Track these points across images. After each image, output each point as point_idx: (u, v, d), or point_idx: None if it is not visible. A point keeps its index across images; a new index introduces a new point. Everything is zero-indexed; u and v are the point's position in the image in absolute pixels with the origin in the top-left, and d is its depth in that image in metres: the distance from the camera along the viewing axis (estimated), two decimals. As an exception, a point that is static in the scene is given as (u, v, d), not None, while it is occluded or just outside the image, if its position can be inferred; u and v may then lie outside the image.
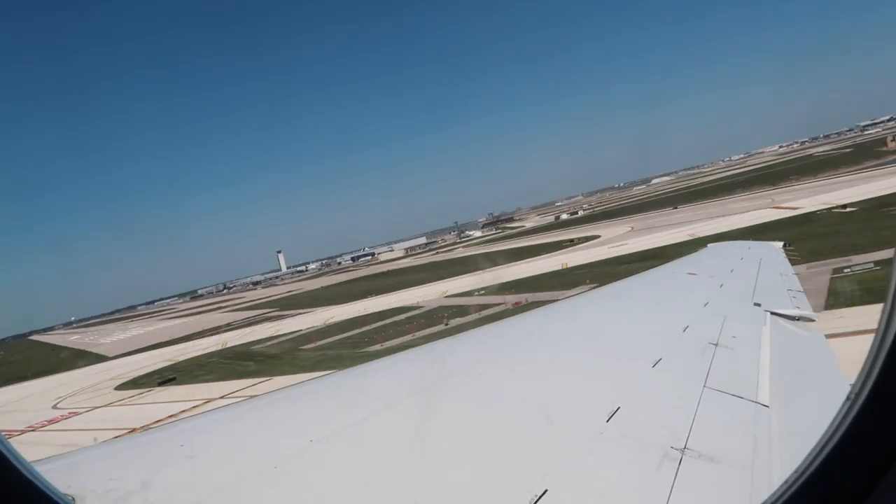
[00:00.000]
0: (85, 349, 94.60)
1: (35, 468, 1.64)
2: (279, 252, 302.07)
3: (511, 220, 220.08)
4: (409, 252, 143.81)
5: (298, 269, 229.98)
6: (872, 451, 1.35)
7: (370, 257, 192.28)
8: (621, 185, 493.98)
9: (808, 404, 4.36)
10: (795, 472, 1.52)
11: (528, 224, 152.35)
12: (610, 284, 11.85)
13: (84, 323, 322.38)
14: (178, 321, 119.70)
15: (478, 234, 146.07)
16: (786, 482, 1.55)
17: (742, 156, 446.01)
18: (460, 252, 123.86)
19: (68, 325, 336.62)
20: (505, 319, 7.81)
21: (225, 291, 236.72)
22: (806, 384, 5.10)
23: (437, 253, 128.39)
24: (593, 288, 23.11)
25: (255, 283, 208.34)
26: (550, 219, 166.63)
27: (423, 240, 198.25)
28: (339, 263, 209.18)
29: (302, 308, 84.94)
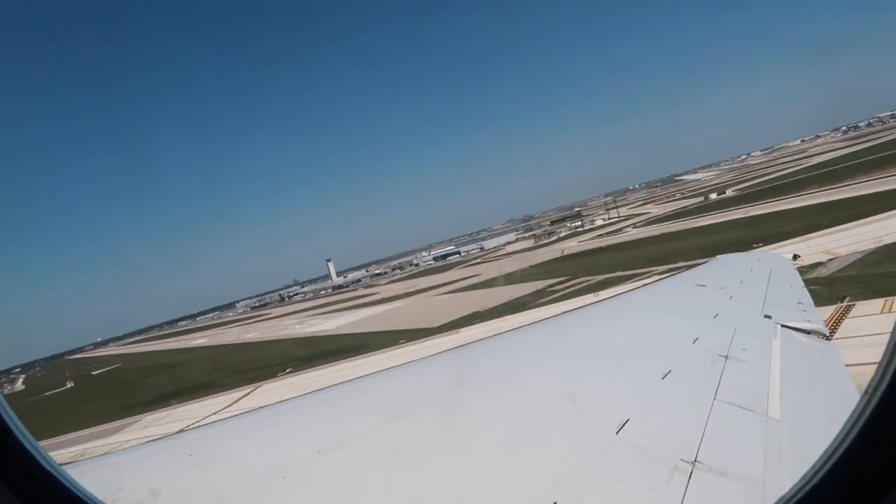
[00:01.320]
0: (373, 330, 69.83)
1: (65, 470, 1.75)
2: (329, 260, 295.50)
3: (579, 215, 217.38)
4: (540, 242, 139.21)
5: (376, 272, 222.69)
6: (883, 455, 1.35)
7: (458, 255, 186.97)
8: (636, 185, 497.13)
9: (820, 419, 4.31)
10: (805, 476, 1.52)
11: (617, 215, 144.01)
12: (619, 296, 11.67)
13: (125, 340, 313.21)
14: (381, 308, 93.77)
15: (599, 221, 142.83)
16: (796, 485, 1.55)
17: (760, 152, 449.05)
18: (663, 229, 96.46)
19: (101, 344, 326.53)
20: (513, 330, 7.84)
21: (287, 301, 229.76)
22: (817, 398, 5.01)
23: (602, 236, 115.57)
24: None
25: (337, 288, 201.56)
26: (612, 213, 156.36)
27: (512, 235, 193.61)
28: (417, 265, 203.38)
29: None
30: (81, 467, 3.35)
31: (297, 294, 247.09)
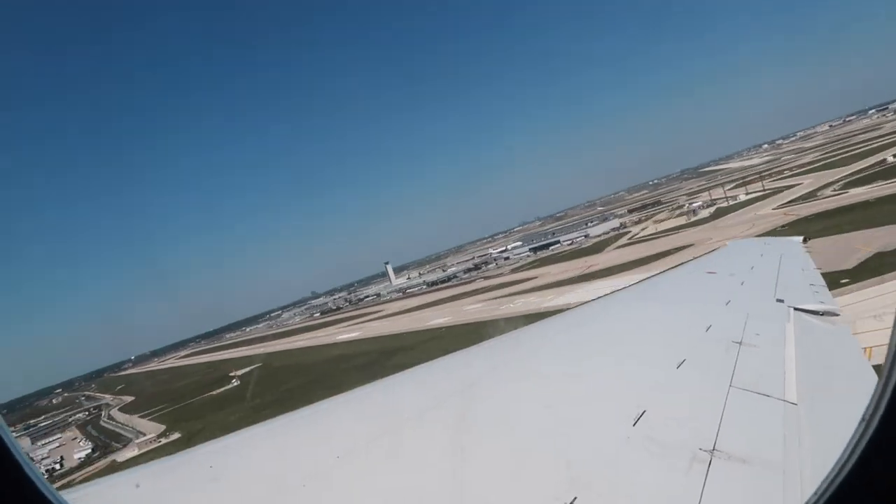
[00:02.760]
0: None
1: (63, 496, 1.71)
2: (387, 263, 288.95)
3: (659, 202, 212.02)
4: (691, 219, 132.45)
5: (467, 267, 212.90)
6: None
7: (558, 244, 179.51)
8: (655, 181, 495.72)
9: (837, 400, 4.30)
10: (835, 467, 1.49)
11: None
12: (630, 286, 11.55)
13: (177, 354, 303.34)
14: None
15: (743, 197, 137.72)
16: (827, 478, 1.51)
17: (783, 140, 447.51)
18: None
19: (139, 361, 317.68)
20: (526, 326, 7.64)
21: (362, 304, 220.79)
22: (834, 380, 4.95)
23: (793, 203, 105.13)
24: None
25: (431, 284, 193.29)
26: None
27: (615, 222, 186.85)
28: (507, 258, 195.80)
29: None
30: (101, 485, 3.38)
31: (367, 297, 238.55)
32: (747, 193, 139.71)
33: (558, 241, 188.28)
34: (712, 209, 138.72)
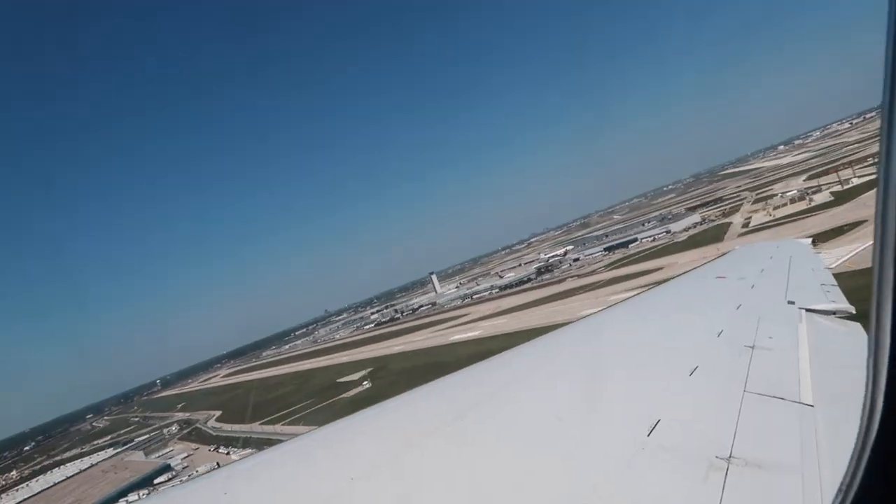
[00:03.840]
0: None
1: None
2: (432, 273, 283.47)
3: (721, 200, 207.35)
4: (811, 204, 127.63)
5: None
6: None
7: (636, 241, 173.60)
8: (669, 185, 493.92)
9: (854, 400, 4.05)
10: (847, 472, 1.48)
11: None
12: (639, 295, 11.55)
13: (216, 373, 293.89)
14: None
15: (856, 180, 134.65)
16: (842, 483, 1.49)
17: (800, 139, 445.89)
18: None
19: (169, 384, 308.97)
20: (535, 339, 7.60)
21: (418, 313, 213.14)
22: (849, 380, 4.77)
23: None
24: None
25: (504, 288, 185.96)
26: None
27: (696, 217, 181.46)
28: (577, 259, 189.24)
29: None
30: None
31: (422, 306, 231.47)
32: (858, 177, 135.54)
33: (636, 239, 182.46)
34: (822, 195, 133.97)
